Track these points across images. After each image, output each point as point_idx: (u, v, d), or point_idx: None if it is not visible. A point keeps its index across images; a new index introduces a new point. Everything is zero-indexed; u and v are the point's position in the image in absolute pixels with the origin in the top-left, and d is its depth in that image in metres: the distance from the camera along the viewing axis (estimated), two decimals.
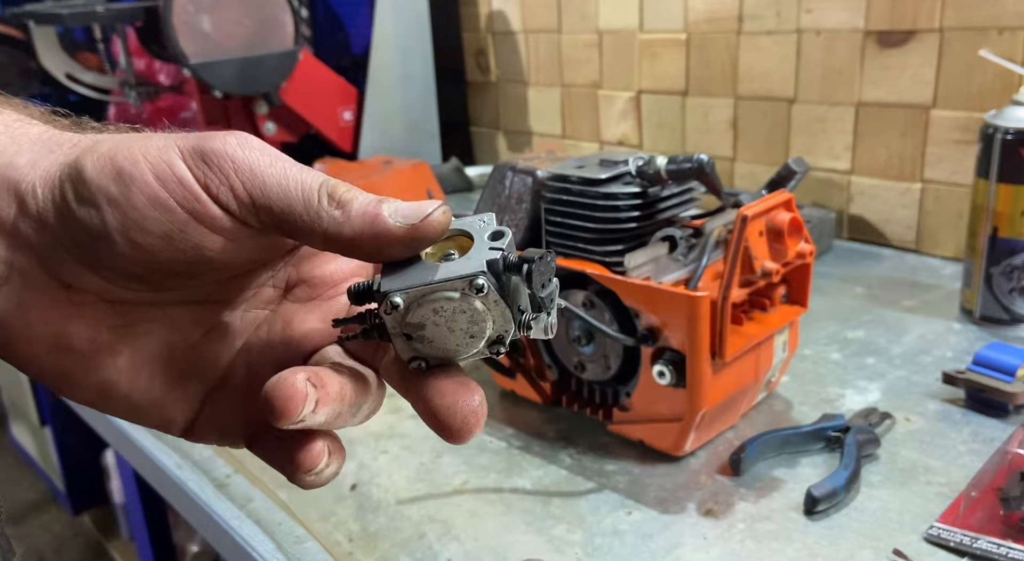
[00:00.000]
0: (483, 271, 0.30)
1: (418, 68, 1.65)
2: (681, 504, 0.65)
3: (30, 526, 2.29)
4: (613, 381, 0.73)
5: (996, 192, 0.84)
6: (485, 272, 0.30)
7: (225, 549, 0.69)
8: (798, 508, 0.63)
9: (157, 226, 0.30)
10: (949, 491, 0.64)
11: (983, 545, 0.56)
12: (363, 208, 0.30)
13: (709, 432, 0.72)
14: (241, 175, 0.30)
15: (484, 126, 1.75)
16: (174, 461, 0.76)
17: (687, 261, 0.70)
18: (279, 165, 0.30)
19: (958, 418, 0.73)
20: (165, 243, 0.30)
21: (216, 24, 1.36)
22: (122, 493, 1.94)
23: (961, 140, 1.06)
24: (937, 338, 0.88)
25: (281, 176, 0.30)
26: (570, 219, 0.71)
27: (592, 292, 0.70)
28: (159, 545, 1.33)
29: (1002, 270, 0.87)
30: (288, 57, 1.46)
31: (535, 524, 0.64)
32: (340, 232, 0.30)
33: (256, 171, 0.30)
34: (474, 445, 0.75)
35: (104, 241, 0.30)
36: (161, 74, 1.59)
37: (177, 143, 0.30)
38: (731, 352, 0.65)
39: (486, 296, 0.30)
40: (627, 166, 0.70)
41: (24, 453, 2.50)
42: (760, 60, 1.23)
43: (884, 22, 1.09)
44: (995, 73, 1.00)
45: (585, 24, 1.46)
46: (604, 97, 1.47)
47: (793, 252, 0.67)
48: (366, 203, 0.30)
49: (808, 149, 1.21)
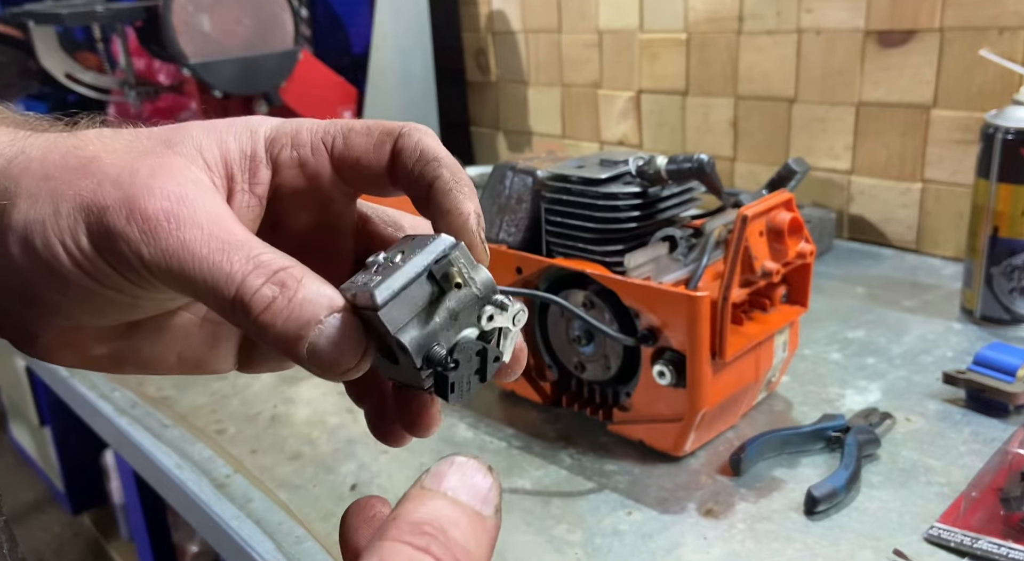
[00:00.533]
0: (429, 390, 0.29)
1: (418, 68, 1.65)
2: (681, 504, 0.65)
3: (29, 526, 2.29)
4: (613, 381, 0.72)
5: (996, 192, 0.84)
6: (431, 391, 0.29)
7: (225, 549, 0.69)
8: (798, 508, 0.63)
9: (91, 298, 0.29)
10: (949, 491, 0.64)
11: (983, 545, 0.56)
12: (278, 340, 0.27)
13: (709, 432, 0.72)
14: (152, 272, 0.27)
15: (484, 126, 1.75)
16: (174, 461, 0.76)
17: (687, 261, 0.70)
18: (192, 260, 0.27)
19: (958, 418, 0.73)
20: (106, 303, 0.29)
21: (216, 24, 1.36)
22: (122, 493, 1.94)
23: (961, 140, 1.06)
24: (937, 338, 0.88)
25: (193, 277, 0.27)
26: (570, 219, 0.71)
27: (592, 292, 0.70)
28: (159, 545, 1.33)
29: (1002, 270, 0.86)
30: (288, 57, 1.46)
31: (535, 524, 0.64)
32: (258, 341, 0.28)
33: (163, 268, 0.27)
34: (474, 445, 0.75)
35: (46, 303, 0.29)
36: (161, 74, 1.59)
37: (84, 224, 0.28)
38: (731, 352, 0.65)
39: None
40: (627, 166, 0.70)
41: (23, 453, 2.50)
42: (760, 60, 1.23)
43: (884, 22, 1.09)
44: (995, 73, 1.00)
45: (585, 24, 1.46)
46: (604, 97, 1.47)
47: (793, 252, 0.67)
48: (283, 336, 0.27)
49: (808, 149, 1.21)
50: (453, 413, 0.80)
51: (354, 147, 0.31)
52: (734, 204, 0.72)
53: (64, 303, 0.29)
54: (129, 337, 0.33)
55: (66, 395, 1.01)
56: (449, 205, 0.30)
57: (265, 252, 0.27)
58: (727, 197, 0.72)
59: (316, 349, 0.27)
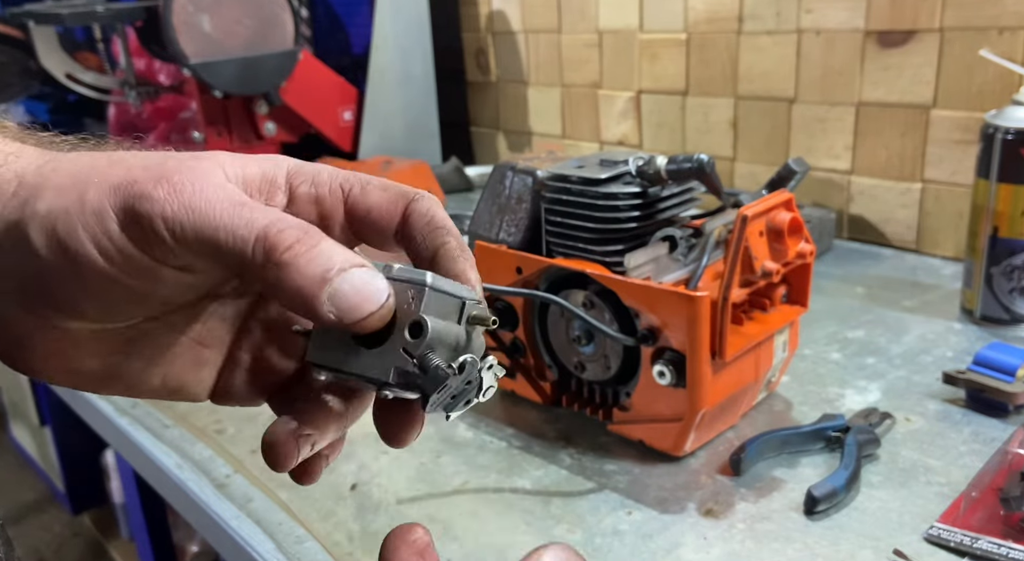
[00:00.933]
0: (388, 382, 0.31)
1: (418, 68, 1.65)
2: (681, 504, 0.65)
3: (29, 526, 2.29)
4: (613, 381, 0.73)
5: (996, 192, 0.84)
6: (390, 384, 0.31)
7: (225, 549, 0.69)
8: (798, 508, 0.63)
9: (107, 290, 0.30)
10: (949, 491, 0.64)
11: (983, 545, 0.56)
12: (298, 284, 0.28)
13: (709, 432, 0.72)
14: (175, 233, 0.28)
15: (484, 126, 1.75)
16: (174, 461, 0.76)
17: (687, 261, 0.70)
18: (213, 212, 0.28)
19: (958, 418, 0.73)
20: (121, 295, 0.30)
21: (216, 24, 1.36)
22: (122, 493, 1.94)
23: (961, 140, 1.06)
24: (937, 338, 0.88)
25: (216, 226, 0.28)
26: (570, 219, 0.71)
27: (592, 292, 0.70)
28: (159, 545, 1.33)
29: (1002, 270, 0.87)
30: (288, 57, 1.46)
31: (535, 524, 0.64)
32: (274, 294, 0.29)
33: (187, 225, 0.28)
34: (474, 445, 0.75)
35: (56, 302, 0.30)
36: (161, 74, 1.59)
37: (110, 202, 0.29)
38: (731, 352, 0.65)
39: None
40: (627, 166, 0.70)
41: (24, 453, 2.50)
42: (760, 60, 1.23)
43: (884, 22, 1.09)
44: (995, 73, 1.00)
45: (585, 24, 1.46)
46: (604, 97, 1.47)
47: (793, 252, 0.67)
48: (304, 278, 0.28)
49: (808, 149, 1.21)
50: None
51: (370, 199, 0.33)
52: (734, 204, 0.72)
53: (77, 296, 0.30)
54: (122, 353, 0.34)
55: (66, 395, 1.01)
56: (457, 271, 0.33)
57: (287, 216, 0.29)
58: (727, 197, 0.72)
59: (339, 292, 0.28)
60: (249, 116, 1.50)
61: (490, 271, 0.77)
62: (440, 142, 1.71)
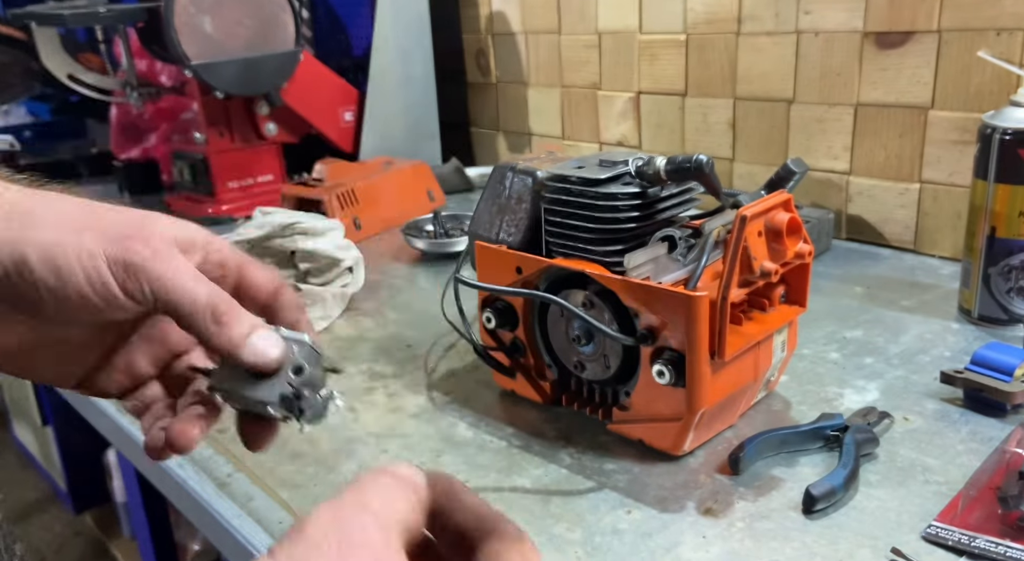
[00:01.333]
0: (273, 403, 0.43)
1: (418, 69, 1.65)
2: (680, 503, 0.65)
3: (31, 525, 2.30)
4: (613, 381, 0.73)
5: (994, 192, 0.85)
6: (275, 404, 0.43)
7: (226, 548, 0.69)
8: (797, 507, 0.63)
9: (80, 310, 0.40)
10: (947, 490, 0.64)
11: (981, 544, 0.57)
12: (229, 337, 0.41)
13: (708, 431, 0.72)
14: (153, 286, 0.40)
15: (484, 127, 1.75)
16: (175, 460, 0.77)
17: (686, 261, 0.70)
18: (180, 278, 0.41)
19: (956, 417, 0.74)
20: (83, 315, 0.41)
21: (217, 25, 1.37)
22: (124, 492, 1.95)
23: (959, 140, 1.06)
24: (935, 338, 0.89)
25: (181, 289, 0.41)
26: (570, 219, 0.72)
27: (592, 292, 0.70)
28: (160, 544, 1.34)
29: (1000, 270, 0.87)
30: (289, 58, 1.46)
31: (535, 523, 0.64)
32: (207, 342, 0.42)
33: (159, 286, 0.40)
34: (474, 444, 0.75)
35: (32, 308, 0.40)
36: (163, 75, 1.59)
37: (104, 251, 0.40)
38: (730, 352, 0.65)
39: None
40: (627, 166, 0.71)
41: (26, 452, 2.50)
42: (759, 61, 1.24)
43: (882, 23, 1.10)
44: (993, 74, 1.00)
45: (585, 25, 1.46)
46: (604, 98, 1.48)
47: (792, 252, 0.68)
48: (234, 335, 0.41)
49: (807, 149, 1.22)
50: (453, 412, 0.81)
51: (256, 275, 0.47)
52: (733, 204, 0.72)
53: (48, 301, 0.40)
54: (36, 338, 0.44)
55: (68, 395, 1.02)
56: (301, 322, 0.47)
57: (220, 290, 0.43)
58: (726, 197, 0.72)
59: (255, 344, 0.42)
60: (250, 117, 1.51)
61: (490, 271, 0.77)
62: (440, 143, 1.71)
